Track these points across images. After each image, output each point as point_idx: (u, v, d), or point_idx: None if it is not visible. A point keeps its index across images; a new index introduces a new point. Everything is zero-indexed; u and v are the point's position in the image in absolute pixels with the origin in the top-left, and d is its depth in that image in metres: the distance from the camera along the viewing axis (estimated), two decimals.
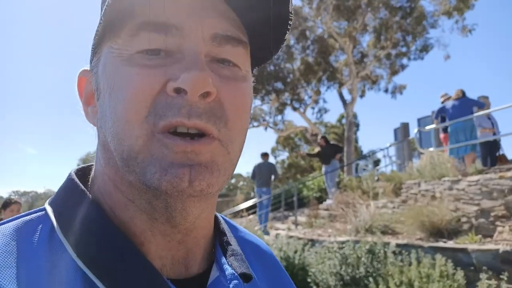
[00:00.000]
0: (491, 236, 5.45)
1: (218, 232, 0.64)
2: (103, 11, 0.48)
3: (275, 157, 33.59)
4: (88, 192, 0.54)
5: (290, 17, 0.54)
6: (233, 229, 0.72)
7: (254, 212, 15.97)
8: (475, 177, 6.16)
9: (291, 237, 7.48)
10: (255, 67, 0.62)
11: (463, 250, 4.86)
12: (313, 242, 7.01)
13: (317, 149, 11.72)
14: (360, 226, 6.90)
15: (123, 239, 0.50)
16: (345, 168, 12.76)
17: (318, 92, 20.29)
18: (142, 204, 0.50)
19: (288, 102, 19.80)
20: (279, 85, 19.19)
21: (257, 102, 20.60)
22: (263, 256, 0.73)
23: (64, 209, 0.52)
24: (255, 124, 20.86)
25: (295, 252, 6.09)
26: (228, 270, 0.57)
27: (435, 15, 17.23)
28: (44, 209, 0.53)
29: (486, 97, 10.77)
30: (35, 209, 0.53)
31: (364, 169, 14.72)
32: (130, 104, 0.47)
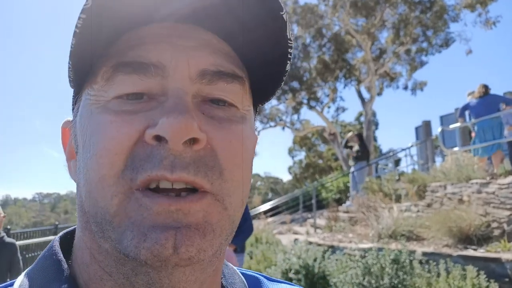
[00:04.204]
0: None
1: None
2: (69, 55, 0.42)
3: (292, 157, 33.28)
4: (65, 264, 0.46)
5: (290, 44, 0.47)
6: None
7: (273, 215, 15.81)
8: (506, 180, 5.80)
9: (310, 243, 7.24)
10: (259, 103, 0.55)
11: (496, 260, 4.54)
12: (333, 248, 6.76)
13: (356, 148, 11.16)
14: (383, 232, 6.61)
15: None
16: (366, 168, 12.41)
17: (335, 90, 19.93)
18: (120, 280, 0.42)
19: (305, 101, 19.50)
20: (295, 84, 18.89)
21: (274, 102, 20.38)
22: None
23: (33, 284, 0.45)
24: (272, 124, 20.62)
25: (315, 260, 5.86)
26: None
27: (456, 9, 16.64)
28: (13, 284, 0.47)
29: None
30: (6, 283, 0.48)
31: (384, 169, 14.34)
32: (103, 157, 0.40)
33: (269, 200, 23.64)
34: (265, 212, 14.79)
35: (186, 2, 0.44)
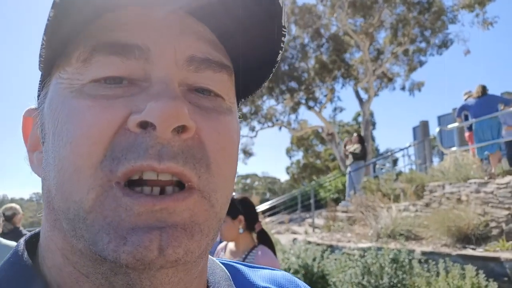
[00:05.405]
0: None
1: None
2: (44, 30, 0.38)
3: (290, 157, 33.27)
4: (34, 269, 0.42)
5: (284, 32, 0.44)
6: (244, 280, 0.57)
7: (271, 215, 15.80)
8: (505, 179, 5.82)
9: (309, 242, 7.24)
10: (241, 99, 0.52)
11: (495, 259, 4.54)
12: (332, 248, 6.76)
13: (355, 146, 11.06)
14: (382, 231, 6.61)
15: None
16: (363, 169, 12.42)
17: (332, 90, 19.94)
18: (99, 280, 0.39)
19: (303, 101, 19.50)
20: (293, 84, 18.89)
21: (272, 102, 20.39)
22: None
23: None
24: (269, 124, 20.59)
25: (314, 259, 5.86)
26: None
27: (454, 9, 16.68)
28: None
29: (511, 93, 10.30)
30: None
31: (381, 169, 14.37)
32: (79, 146, 0.36)
33: (267, 200, 23.64)
34: (263, 212, 14.76)
35: None
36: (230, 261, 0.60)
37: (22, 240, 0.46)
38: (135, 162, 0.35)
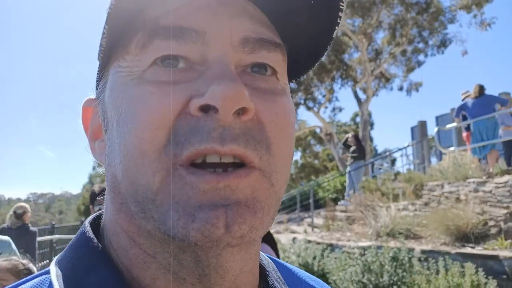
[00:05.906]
0: None
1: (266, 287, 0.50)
2: (105, 19, 0.39)
3: None
4: (103, 250, 0.44)
5: (341, 7, 0.44)
6: (290, 275, 0.57)
7: None
8: (503, 179, 5.87)
9: (309, 241, 7.27)
10: (291, 81, 0.52)
11: (494, 257, 4.59)
12: (332, 247, 6.80)
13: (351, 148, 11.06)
14: (381, 230, 6.65)
15: None
16: (362, 168, 12.46)
17: (331, 91, 19.99)
18: (166, 260, 0.40)
19: (302, 101, 19.54)
20: (292, 84, 18.82)
21: None
22: None
23: (71, 273, 0.42)
24: None
25: (314, 258, 5.89)
26: None
27: (452, 10, 16.77)
28: (48, 272, 0.43)
29: (508, 94, 10.36)
30: (40, 272, 0.44)
31: (379, 169, 14.41)
32: (143, 132, 0.37)
33: None
34: None
35: None
36: (269, 256, 0.60)
37: (87, 223, 0.48)
38: (199, 146, 0.36)
